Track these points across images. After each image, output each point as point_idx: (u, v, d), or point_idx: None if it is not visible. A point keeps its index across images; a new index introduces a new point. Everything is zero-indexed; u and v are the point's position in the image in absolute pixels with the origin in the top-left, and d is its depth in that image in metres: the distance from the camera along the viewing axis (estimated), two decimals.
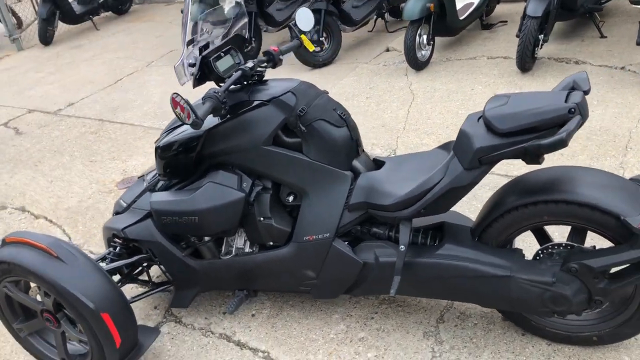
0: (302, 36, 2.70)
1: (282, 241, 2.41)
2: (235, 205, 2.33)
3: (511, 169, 3.46)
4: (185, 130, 2.43)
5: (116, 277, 2.70)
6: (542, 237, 2.20)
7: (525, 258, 2.12)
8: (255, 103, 2.30)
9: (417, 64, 5.06)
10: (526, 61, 4.49)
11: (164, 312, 2.84)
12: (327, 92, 2.44)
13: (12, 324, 2.53)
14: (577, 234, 2.07)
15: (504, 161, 3.50)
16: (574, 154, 3.50)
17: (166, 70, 6.83)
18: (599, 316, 2.16)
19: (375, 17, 6.36)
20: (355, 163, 2.36)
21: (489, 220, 2.11)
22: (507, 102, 1.95)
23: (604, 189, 1.93)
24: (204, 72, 2.36)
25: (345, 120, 2.35)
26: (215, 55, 2.37)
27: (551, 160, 3.43)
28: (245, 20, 2.61)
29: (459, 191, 2.04)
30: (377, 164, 2.45)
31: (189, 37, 2.35)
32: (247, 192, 2.35)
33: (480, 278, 2.10)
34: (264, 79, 2.44)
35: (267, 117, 2.29)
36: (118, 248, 2.67)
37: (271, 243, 2.43)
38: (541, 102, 1.88)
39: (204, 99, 2.16)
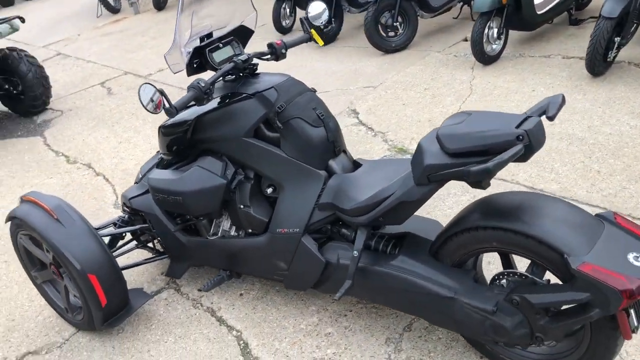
0: (312, 30, 2.72)
1: (260, 230, 2.50)
2: (216, 190, 2.46)
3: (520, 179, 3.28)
4: (188, 114, 2.57)
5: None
6: (507, 263, 2.12)
7: (476, 282, 2.06)
8: (242, 96, 2.39)
9: (484, 58, 4.85)
10: (596, 65, 4.16)
11: (168, 280, 3.05)
12: (315, 91, 2.47)
13: (30, 271, 2.86)
14: (537, 266, 1.97)
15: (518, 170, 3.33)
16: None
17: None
18: (553, 352, 2.06)
19: (461, 3, 6.13)
20: (331, 163, 2.38)
21: (444, 238, 2.07)
22: (463, 121, 1.88)
23: (560, 223, 1.83)
24: (200, 61, 2.47)
25: (323, 120, 2.37)
26: (214, 45, 2.48)
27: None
28: (255, 13, 2.68)
29: (408, 205, 2.02)
30: (357, 166, 2.45)
31: (187, 25, 2.47)
32: (228, 180, 2.46)
33: (427, 295, 2.08)
34: (257, 72, 2.51)
35: (250, 110, 2.37)
36: (127, 216, 2.90)
37: (250, 230, 2.54)
38: (494, 125, 1.80)
39: (188, 88, 2.28)
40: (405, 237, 2.29)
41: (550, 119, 1.84)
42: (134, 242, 3.03)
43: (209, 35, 2.56)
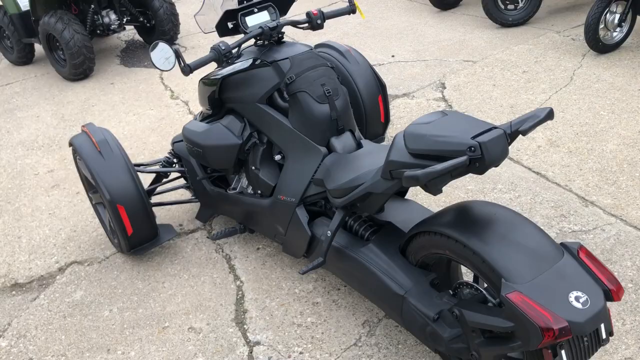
0: (356, 2, 2.69)
1: (267, 193, 2.62)
2: (231, 148, 2.60)
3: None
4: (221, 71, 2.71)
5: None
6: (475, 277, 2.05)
7: (434, 285, 2.01)
8: (261, 62, 2.47)
9: (598, 46, 4.39)
10: None
11: (203, 223, 3.30)
12: (332, 67, 2.47)
13: (88, 192, 3.25)
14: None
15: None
16: None
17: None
18: None
19: None
20: (333, 141, 2.40)
21: (409, 235, 2.04)
22: (433, 121, 1.81)
23: (514, 246, 1.73)
24: (234, 24, 2.57)
25: (328, 97, 2.37)
26: (249, 10, 2.56)
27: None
28: None
29: (375, 196, 2.01)
30: (360, 147, 2.45)
31: None
32: (243, 141, 2.58)
33: (382, 288, 2.08)
34: (284, 40, 2.56)
35: (265, 78, 2.45)
36: (171, 158, 3.16)
37: (259, 192, 2.66)
38: (454, 131, 1.72)
39: (210, 49, 2.41)
40: (384, 226, 2.27)
41: (523, 133, 1.71)
42: (182, 182, 3.31)
43: None
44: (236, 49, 2.50)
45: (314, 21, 2.62)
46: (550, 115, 1.76)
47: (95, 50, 6.24)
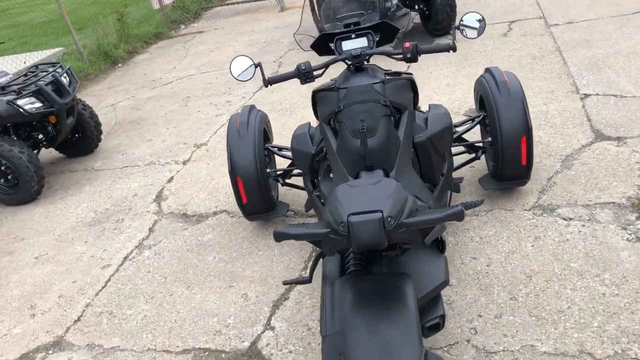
0: (455, 43, 2.57)
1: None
2: (305, 155, 2.87)
3: None
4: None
5: None
6: None
7: None
8: (331, 86, 2.65)
9: None
10: None
11: None
12: (386, 104, 2.47)
13: None
14: None
15: None
16: None
17: None
18: None
19: None
20: (362, 174, 2.45)
21: None
22: (361, 187, 1.82)
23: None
24: (329, 46, 2.77)
25: (361, 133, 2.41)
26: (347, 35, 2.71)
27: None
28: (407, 12, 2.69)
29: None
30: None
31: (335, 11, 2.75)
32: (315, 152, 2.82)
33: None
34: (364, 67, 2.64)
35: (330, 101, 2.62)
36: None
37: (322, 201, 2.88)
38: (348, 204, 1.74)
39: (296, 67, 2.69)
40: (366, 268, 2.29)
41: (407, 226, 1.64)
42: None
43: (357, 23, 2.78)
44: (319, 70, 2.72)
45: (405, 54, 2.63)
46: (460, 215, 1.61)
47: None
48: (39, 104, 4.52)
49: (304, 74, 2.66)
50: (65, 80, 4.83)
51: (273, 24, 8.97)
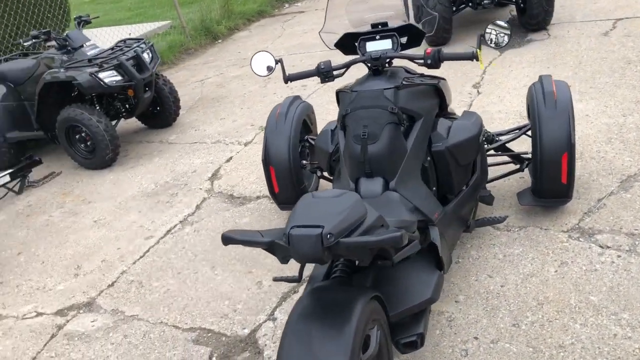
0: (479, 51, 2.43)
1: None
2: (323, 153, 2.88)
3: None
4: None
5: None
6: None
7: None
8: (347, 88, 2.61)
9: None
10: None
11: None
12: (393, 111, 2.39)
13: None
14: None
15: None
16: None
17: None
18: None
19: None
20: (362, 180, 2.41)
21: None
22: (322, 199, 1.82)
23: None
24: (353, 46, 2.72)
25: (362, 140, 2.36)
26: (370, 36, 2.66)
27: None
28: (434, 15, 2.57)
29: None
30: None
31: (361, 10, 2.69)
32: (332, 151, 2.82)
33: None
34: (384, 70, 2.58)
35: (343, 103, 2.60)
36: None
37: None
38: (298, 218, 1.75)
39: (317, 65, 2.69)
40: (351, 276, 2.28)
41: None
42: None
43: (384, 24, 2.70)
44: (339, 70, 2.69)
45: (425, 60, 2.53)
46: (387, 241, 1.56)
47: None
48: (118, 78, 4.85)
49: (323, 73, 2.65)
50: (147, 56, 5.13)
51: None
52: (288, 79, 2.73)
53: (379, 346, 2.04)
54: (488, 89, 4.95)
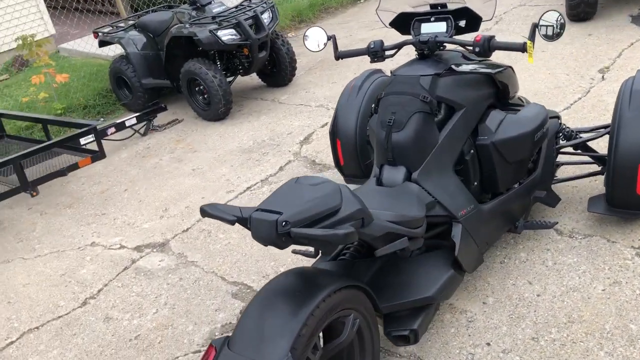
0: (529, 42, 2.23)
1: None
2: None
3: None
4: None
5: None
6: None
7: None
8: (393, 71, 2.55)
9: None
10: None
11: None
12: (424, 99, 2.29)
13: None
14: None
15: None
16: None
17: None
18: None
19: None
20: (385, 168, 2.38)
21: None
22: (303, 185, 1.87)
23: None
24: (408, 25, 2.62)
25: (387, 126, 2.30)
26: (427, 17, 2.55)
27: None
28: (494, 1, 2.38)
29: None
30: None
31: None
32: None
33: None
34: (433, 54, 2.48)
35: (384, 85, 2.54)
36: None
37: None
38: (276, 200, 1.82)
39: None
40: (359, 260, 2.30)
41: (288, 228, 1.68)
42: None
43: (444, 5, 2.57)
44: (390, 51, 2.62)
45: (474, 47, 2.38)
46: (330, 237, 1.58)
47: None
48: (235, 36, 5.12)
49: (373, 53, 2.61)
50: (267, 16, 5.34)
51: None
52: (339, 56, 2.73)
53: (359, 334, 2.07)
54: (615, 75, 4.45)
